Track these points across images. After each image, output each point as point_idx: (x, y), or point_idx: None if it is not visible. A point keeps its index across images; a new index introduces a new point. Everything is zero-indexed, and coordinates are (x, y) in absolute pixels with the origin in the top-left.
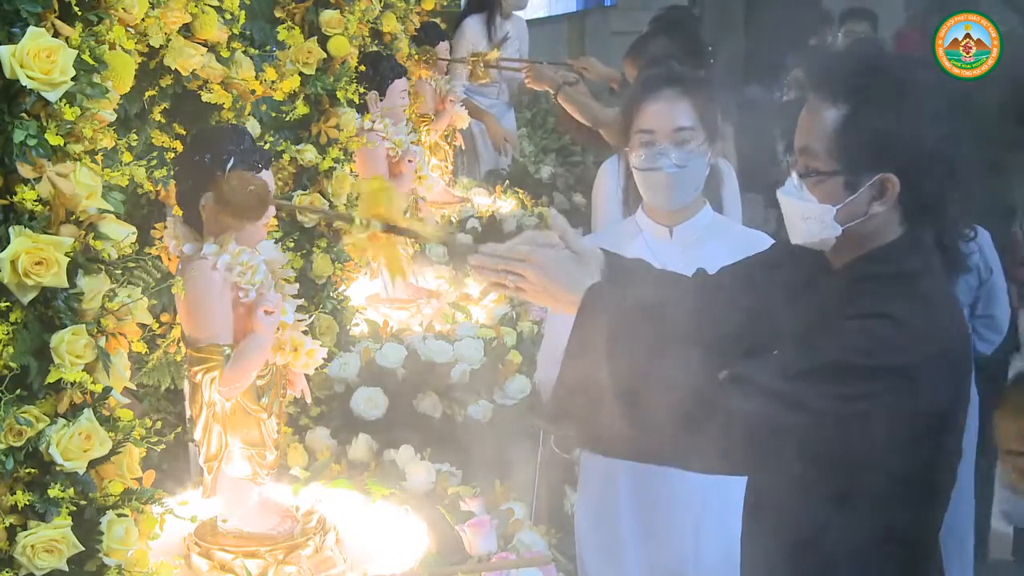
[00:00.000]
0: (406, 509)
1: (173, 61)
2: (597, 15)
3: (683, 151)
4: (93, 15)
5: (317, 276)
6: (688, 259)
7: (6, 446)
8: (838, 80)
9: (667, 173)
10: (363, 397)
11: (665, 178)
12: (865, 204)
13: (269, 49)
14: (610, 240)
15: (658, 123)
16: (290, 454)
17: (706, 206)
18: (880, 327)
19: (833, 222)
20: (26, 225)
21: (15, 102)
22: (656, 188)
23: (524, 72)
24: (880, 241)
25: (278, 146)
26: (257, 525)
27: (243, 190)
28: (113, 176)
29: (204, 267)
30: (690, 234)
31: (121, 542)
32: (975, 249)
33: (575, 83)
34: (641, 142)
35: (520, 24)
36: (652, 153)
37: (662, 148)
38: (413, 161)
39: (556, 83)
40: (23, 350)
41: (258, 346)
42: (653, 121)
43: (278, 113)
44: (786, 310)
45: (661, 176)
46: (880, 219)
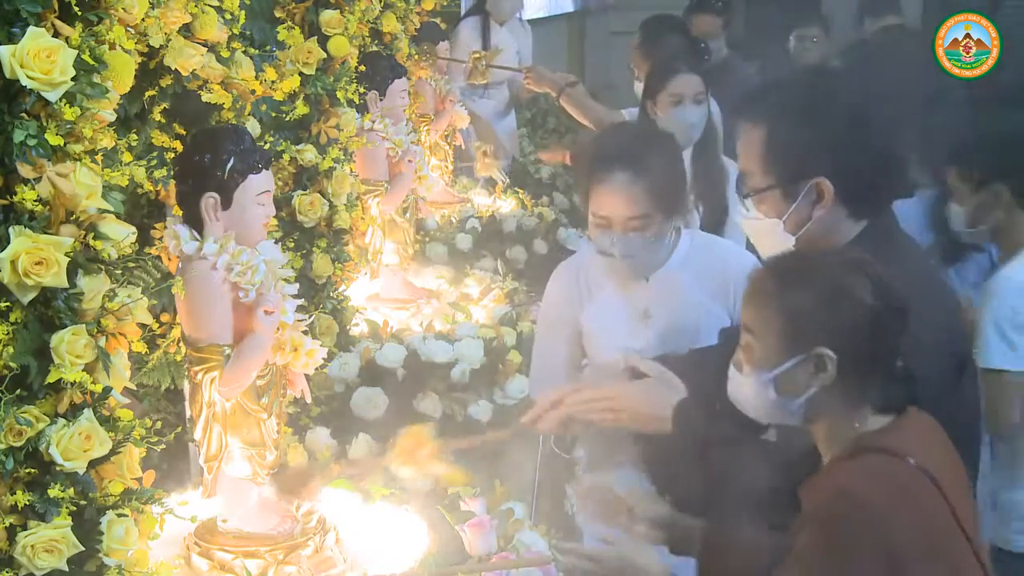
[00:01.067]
0: (406, 509)
1: (173, 61)
2: (597, 15)
3: (637, 239)
4: (93, 15)
5: (317, 276)
6: (662, 293)
7: (6, 446)
8: (752, 104)
9: (622, 262)
10: (363, 397)
11: (619, 264)
12: (808, 210)
13: (269, 49)
14: (588, 275)
15: (611, 211)
16: (290, 454)
17: (681, 236)
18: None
19: (784, 232)
20: (26, 225)
21: (15, 102)
22: (612, 267)
23: (524, 75)
24: (844, 240)
25: (278, 146)
26: (257, 525)
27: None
28: (113, 176)
29: (204, 267)
30: (668, 278)
31: (121, 542)
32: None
33: (576, 84)
34: (595, 224)
35: (520, 28)
36: (607, 239)
37: (616, 236)
38: (413, 161)
39: (558, 85)
40: (23, 350)
41: (258, 346)
42: (606, 208)
43: (278, 113)
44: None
45: (614, 262)
46: (827, 221)
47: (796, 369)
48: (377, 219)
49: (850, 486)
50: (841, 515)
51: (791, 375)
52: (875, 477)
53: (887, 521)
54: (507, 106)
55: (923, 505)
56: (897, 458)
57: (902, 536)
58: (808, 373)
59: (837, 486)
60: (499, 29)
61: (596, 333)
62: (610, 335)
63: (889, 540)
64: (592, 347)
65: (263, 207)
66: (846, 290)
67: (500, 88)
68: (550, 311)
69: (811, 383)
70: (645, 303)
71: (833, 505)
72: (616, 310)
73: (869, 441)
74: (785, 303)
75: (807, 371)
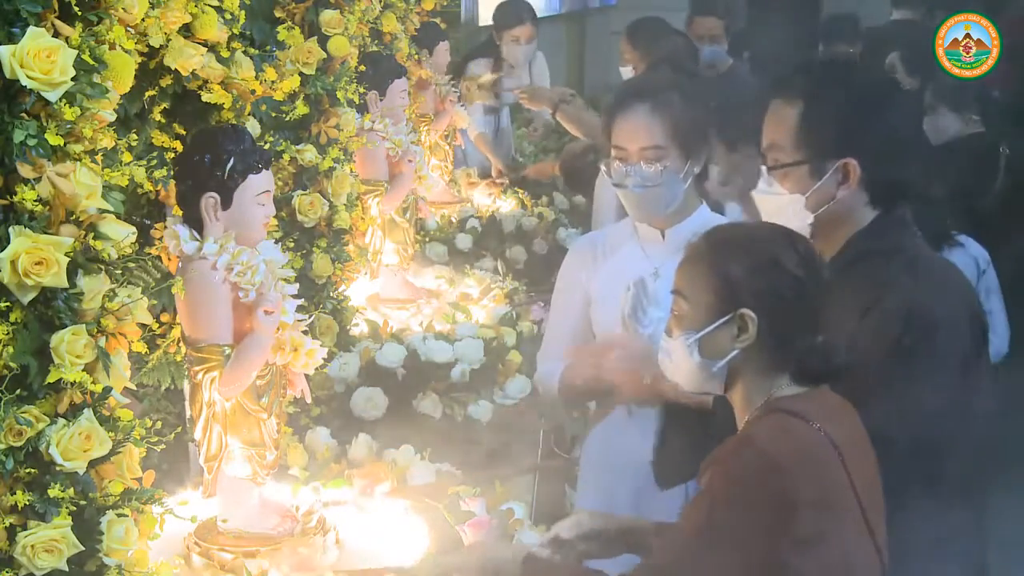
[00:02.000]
0: (406, 509)
1: (173, 61)
2: (597, 15)
3: (651, 171)
4: (93, 15)
5: (317, 276)
6: (676, 251)
7: (6, 446)
8: (789, 80)
9: (633, 192)
10: (363, 397)
11: (632, 196)
12: (832, 189)
13: (269, 49)
14: (605, 241)
15: (628, 140)
16: (290, 454)
17: (701, 206)
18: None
19: (804, 210)
20: (26, 225)
21: (15, 102)
22: (627, 203)
23: (519, 93)
24: (857, 226)
25: (278, 146)
26: (257, 525)
27: None
28: (113, 176)
29: (204, 267)
30: (682, 237)
31: (121, 542)
32: (965, 241)
33: (572, 99)
34: (615, 156)
35: (538, 62)
36: (622, 170)
37: (631, 166)
38: (413, 161)
39: (553, 101)
40: (23, 350)
41: (258, 346)
42: (623, 138)
43: (278, 113)
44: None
45: (628, 193)
46: (848, 203)
47: (720, 331)
48: (377, 219)
49: (754, 435)
50: (743, 460)
51: (714, 337)
52: (778, 431)
53: (783, 469)
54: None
55: (820, 462)
56: (802, 420)
57: (795, 483)
58: (731, 336)
59: (742, 436)
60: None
61: (603, 299)
62: (617, 301)
63: (784, 486)
64: (598, 317)
65: (263, 207)
66: (775, 258)
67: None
68: (563, 279)
69: (733, 345)
70: (658, 261)
71: (736, 451)
72: (625, 272)
73: (778, 404)
74: (717, 266)
75: (730, 334)
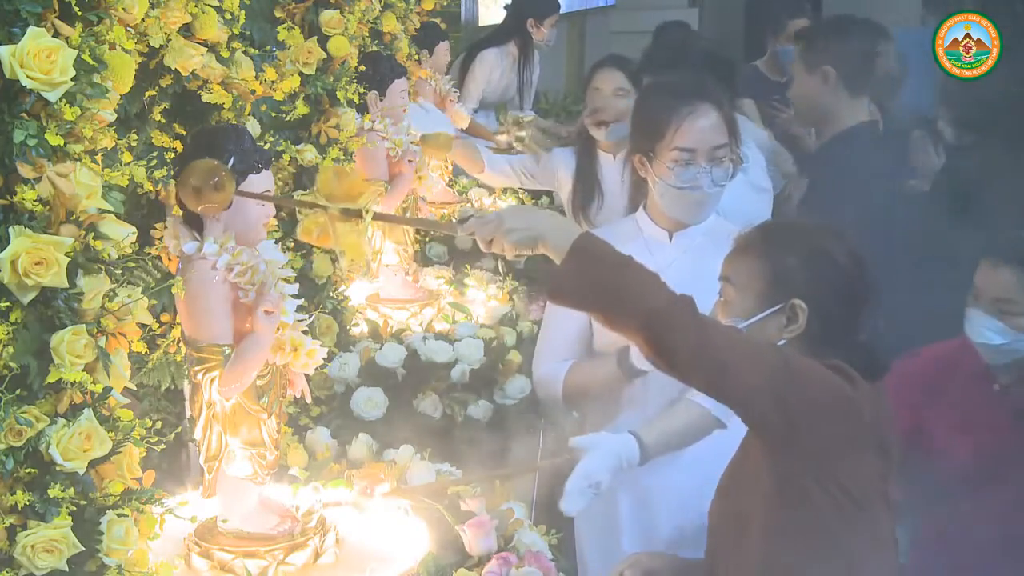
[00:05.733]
0: (406, 509)
1: (173, 61)
2: (597, 15)
3: (721, 170)
4: (93, 15)
5: (317, 276)
6: (685, 263)
7: (6, 446)
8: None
9: (706, 192)
10: (363, 397)
11: (703, 196)
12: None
13: (269, 49)
14: (609, 238)
15: (698, 141)
16: (290, 454)
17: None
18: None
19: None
20: (26, 225)
21: (15, 102)
22: (689, 206)
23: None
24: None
25: (278, 146)
26: (257, 525)
27: (207, 177)
28: (113, 176)
29: (204, 267)
30: (689, 241)
31: (121, 542)
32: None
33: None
34: (676, 159)
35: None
36: (691, 172)
37: (702, 168)
38: (413, 161)
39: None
40: (23, 350)
41: (258, 346)
42: (692, 139)
43: (278, 113)
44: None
45: (699, 195)
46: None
47: (769, 320)
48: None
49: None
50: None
51: (762, 326)
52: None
53: (828, 384)
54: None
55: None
56: (847, 380)
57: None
58: (779, 325)
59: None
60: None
61: None
62: None
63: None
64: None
65: (263, 207)
66: (827, 250)
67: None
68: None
69: (781, 335)
70: (664, 262)
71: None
72: None
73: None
74: (772, 256)
75: (779, 323)
